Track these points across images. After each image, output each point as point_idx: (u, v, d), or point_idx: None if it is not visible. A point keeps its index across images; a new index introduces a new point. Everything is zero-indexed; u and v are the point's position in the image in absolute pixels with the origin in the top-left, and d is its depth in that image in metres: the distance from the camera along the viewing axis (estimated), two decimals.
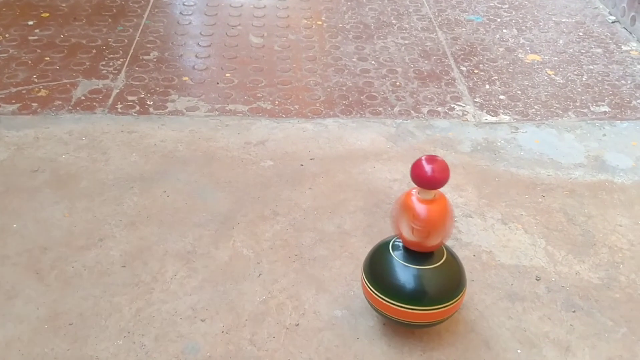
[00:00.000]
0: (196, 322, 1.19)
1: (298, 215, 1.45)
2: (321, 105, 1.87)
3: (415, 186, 1.06)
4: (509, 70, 2.08)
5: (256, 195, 1.50)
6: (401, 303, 1.09)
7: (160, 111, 1.82)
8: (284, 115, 1.82)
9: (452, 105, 1.90)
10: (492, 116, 1.86)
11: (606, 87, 2.01)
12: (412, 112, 1.86)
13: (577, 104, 1.91)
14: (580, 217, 1.48)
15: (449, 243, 1.39)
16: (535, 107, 1.90)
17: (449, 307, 1.10)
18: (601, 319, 1.24)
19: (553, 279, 1.32)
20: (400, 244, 1.12)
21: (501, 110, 1.88)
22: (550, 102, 1.92)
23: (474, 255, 1.37)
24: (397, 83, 2.00)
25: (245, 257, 1.33)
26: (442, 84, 2.00)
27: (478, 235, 1.43)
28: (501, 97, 1.94)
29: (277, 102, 1.87)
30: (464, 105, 1.90)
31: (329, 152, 1.67)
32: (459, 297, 1.11)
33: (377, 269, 1.13)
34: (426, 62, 2.12)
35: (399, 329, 1.19)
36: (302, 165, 1.61)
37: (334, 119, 1.81)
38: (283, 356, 1.13)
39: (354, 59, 2.12)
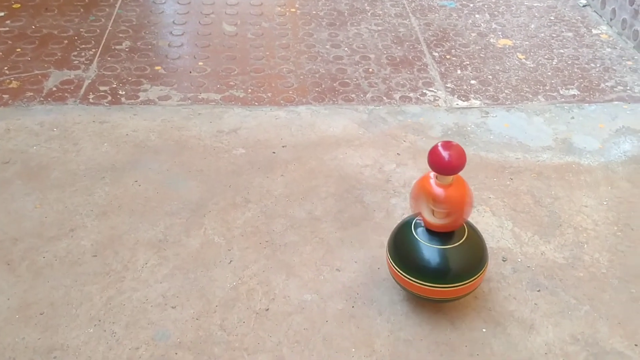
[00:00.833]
0: (167, 309, 1.20)
1: (269, 202, 1.46)
2: (294, 93, 1.88)
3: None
4: (481, 55, 2.10)
5: (228, 183, 1.51)
6: (424, 281, 1.13)
7: (133, 101, 1.82)
8: (256, 103, 1.82)
9: (424, 91, 1.92)
10: (463, 101, 1.88)
11: (576, 70, 2.03)
12: (385, 98, 1.88)
13: (547, 88, 1.94)
14: (547, 198, 1.51)
15: None
16: (506, 91, 1.92)
17: (471, 282, 1.14)
18: (565, 297, 1.27)
19: (519, 260, 1.35)
20: (421, 223, 1.16)
21: (472, 95, 1.90)
22: (521, 86, 1.95)
23: None
24: (370, 69, 2.01)
25: (217, 244, 1.35)
26: (415, 70, 2.01)
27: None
28: (472, 82, 1.96)
29: (249, 90, 1.88)
30: (435, 90, 1.92)
31: (301, 139, 1.68)
32: (480, 272, 1.15)
33: (400, 248, 1.17)
34: (399, 48, 2.13)
35: (367, 312, 1.22)
36: (274, 152, 1.62)
37: (306, 106, 1.82)
38: (252, 340, 1.15)
39: (327, 46, 2.13)
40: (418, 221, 1.17)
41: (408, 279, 1.14)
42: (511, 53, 2.12)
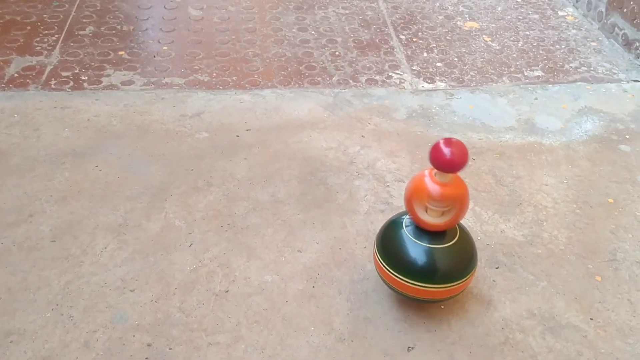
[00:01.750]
0: (125, 292, 1.20)
1: (232, 186, 1.46)
2: (259, 77, 1.87)
3: (429, 167, 1.07)
4: (447, 38, 2.11)
5: (190, 167, 1.50)
6: (412, 280, 1.10)
7: (95, 86, 1.79)
8: (221, 87, 1.81)
9: (390, 74, 1.92)
10: (429, 83, 1.88)
11: (541, 52, 2.05)
12: (351, 81, 1.88)
13: (512, 69, 1.95)
14: (508, 178, 1.53)
15: (378, 209, 1.42)
16: (471, 73, 1.93)
17: (459, 285, 1.12)
18: (523, 274, 1.29)
19: (479, 238, 1.36)
20: (412, 221, 1.13)
21: (437, 78, 1.91)
22: (486, 68, 1.96)
23: None
24: (337, 53, 2.00)
25: (177, 227, 1.34)
26: (381, 53, 2.01)
27: None
28: (438, 64, 1.97)
29: (214, 74, 1.86)
30: (401, 73, 1.92)
31: (265, 122, 1.68)
32: (469, 276, 1.12)
33: (389, 245, 1.14)
34: (366, 31, 2.13)
35: (327, 291, 1.22)
36: (237, 136, 1.62)
37: (272, 89, 1.82)
38: (211, 321, 1.15)
39: (294, 30, 2.12)
40: (409, 219, 1.14)
41: (397, 277, 1.12)
42: (477, 35, 2.12)
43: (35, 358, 1.08)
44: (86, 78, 1.83)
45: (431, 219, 1.08)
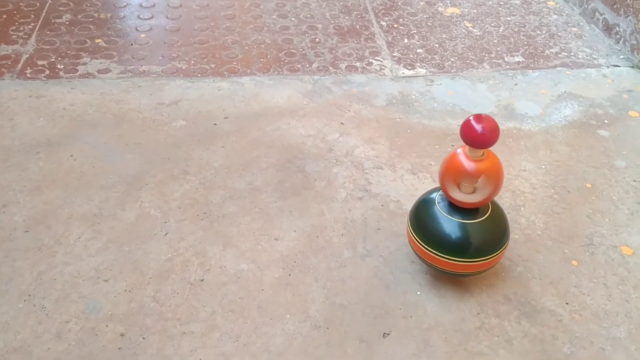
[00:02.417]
0: (99, 282, 1.19)
1: (209, 174, 1.45)
2: (238, 64, 1.85)
3: (462, 145, 1.09)
4: (428, 24, 2.10)
5: (166, 156, 1.49)
6: (445, 254, 1.12)
7: (71, 75, 1.77)
8: (199, 75, 1.79)
9: (370, 60, 1.91)
10: (409, 70, 1.87)
11: (521, 37, 2.04)
12: (331, 68, 1.86)
13: (492, 55, 1.95)
14: None
15: (356, 196, 1.42)
16: (452, 59, 1.92)
17: (492, 259, 1.14)
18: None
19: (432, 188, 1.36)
20: (444, 197, 1.15)
21: (418, 64, 1.90)
22: (467, 54, 1.95)
23: (382, 205, 1.40)
24: (317, 39, 1.99)
25: (153, 217, 1.33)
26: (362, 39, 2.00)
27: (387, 186, 1.45)
28: (419, 50, 1.96)
29: (192, 62, 1.84)
30: (382, 60, 1.91)
31: (243, 110, 1.66)
32: (501, 249, 1.15)
33: (422, 221, 1.16)
34: (347, 17, 2.11)
35: (303, 279, 1.22)
36: (215, 124, 1.60)
37: (250, 77, 1.80)
38: (186, 310, 1.14)
39: (274, 16, 2.10)
40: (440, 195, 1.16)
41: (429, 250, 1.14)
42: (458, 21, 2.11)
43: (7, 349, 1.07)
44: (62, 67, 1.80)
45: (465, 197, 1.09)
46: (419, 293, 1.21)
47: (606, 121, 1.68)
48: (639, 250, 1.31)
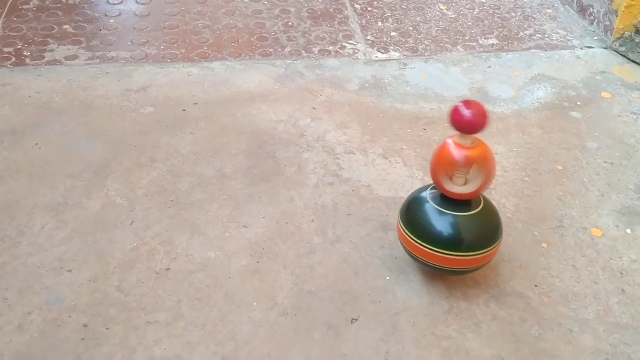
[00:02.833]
0: (62, 272, 1.16)
1: (177, 161, 1.43)
2: (209, 49, 1.82)
3: (452, 135, 1.06)
4: (402, 6, 2.07)
5: (134, 143, 1.46)
6: (439, 248, 1.09)
7: (38, 62, 1.73)
8: (168, 60, 1.76)
9: (344, 44, 1.88)
10: (383, 53, 1.85)
11: (496, 19, 2.03)
12: (303, 52, 1.84)
13: (467, 38, 1.93)
14: None
15: (326, 181, 1.40)
16: (426, 42, 1.91)
17: (486, 253, 1.10)
18: None
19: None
20: (437, 191, 1.12)
21: (391, 47, 1.88)
22: (441, 37, 1.93)
23: (353, 190, 1.39)
24: (290, 23, 1.96)
25: (118, 205, 1.31)
26: (335, 23, 1.97)
27: (359, 171, 1.44)
28: (393, 34, 1.94)
29: (162, 47, 1.81)
30: (355, 43, 1.89)
31: (213, 95, 1.64)
32: (496, 244, 1.12)
33: (414, 216, 1.12)
34: (320, 0, 2.08)
35: (272, 266, 1.21)
36: (184, 110, 1.58)
37: (221, 61, 1.77)
38: (151, 300, 1.13)
39: (246, 0, 2.06)
40: (433, 189, 1.13)
41: (422, 246, 1.10)
42: (433, 4, 2.09)
43: None
44: (29, 54, 1.76)
45: (458, 188, 1.07)
46: (388, 278, 1.20)
47: (579, 103, 1.68)
48: (608, 232, 1.31)
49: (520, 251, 1.27)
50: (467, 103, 1.04)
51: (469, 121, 1.02)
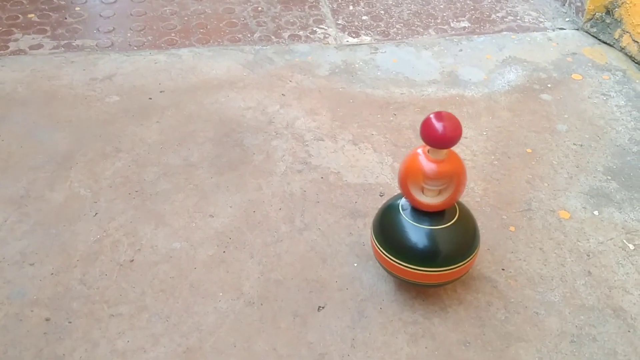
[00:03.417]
0: (24, 266, 1.15)
1: (142, 151, 1.40)
2: (176, 35, 1.79)
3: (421, 145, 1.00)
4: None
5: (98, 133, 1.44)
6: (414, 265, 1.04)
7: (1, 52, 1.69)
8: (135, 48, 1.73)
9: (315, 29, 1.86)
10: (354, 38, 1.83)
11: (468, 2, 2.02)
12: (273, 37, 1.82)
13: (438, 21, 1.92)
14: None
15: (295, 169, 1.39)
16: (397, 26, 1.89)
17: (463, 266, 1.06)
18: None
19: (396, 194, 1.34)
20: (409, 203, 1.06)
21: (363, 32, 1.86)
22: (412, 20, 1.92)
23: (322, 178, 1.37)
24: (259, 8, 1.93)
25: (82, 197, 1.29)
26: (306, 7, 1.95)
27: (328, 158, 1.43)
28: (364, 17, 1.92)
29: (128, 35, 1.78)
30: (326, 28, 1.87)
31: (180, 83, 1.61)
32: (472, 256, 1.07)
33: (387, 230, 1.07)
34: None
35: (238, 256, 1.19)
36: (150, 98, 1.55)
37: (189, 48, 1.74)
38: (114, 292, 1.11)
39: None
40: (405, 202, 1.07)
41: (396, 262, 1.06)
42: None
43: None
44: None
45: (429, 200, 1.01)
46: (355, 265, 1.20)
47: (549, 85, 1.67)
48: (576, 214, 1.32)
49: (488, 235, 1.27)
50: (439, 116, 0.97)
51: (442, 136, 0.95)
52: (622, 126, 1.54)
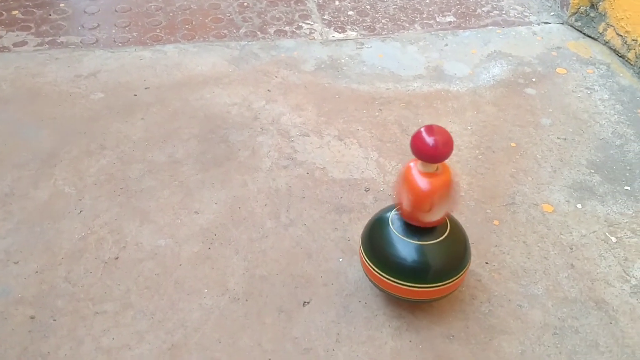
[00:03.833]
0: (9, 265, 1.14)
1: (127, 148, 1.40)
2: (162, 31, 1.79)
3: (414, 159, 0.98)
4: None
5: (83, 130, 1.43)
6: (403, 281, 1.03)
7: None
8: (120, 44, 1.72)
9: (300, 24, 1.86)
10: (340, 33, 1.84)
11: None
12: (259, 33, 1.81)
13: (424, 16, 1.92)
14: (414, 127, 1.51)
15: (281, 165, 1.39)
16: (383, 21, 1.89)
17: (452, 283, 1.04)
18: None
19: (381, 189, 1.35)
20: (399, 217, 1.04)
21: (348, 27, 1.86)
22: (398, 15, 1.92)
23: (307, 173, 1.38)
24: (245, 4, 1.93)
25: (67, 194, 1.28)
26: (292, 3, 1.95)
27: (313, 153, 1.43)
28: (350, 12, 1.92)
29: (113, 31, 1.77)
30: (312, 23, 1.87)
31: (166, 79, 1.61)
32: (463, 271, 1.05)
33: (376, 244, 1.05)
34: None
35: (223, 252, 1.20)
36: (135, 95, 1.55)
37: (174, 44, 1.74)
38: (99, 290, 1.11)
39: None
40: (395, 215, 1.05)
41: (385, 278, 1.04)
42: None
43: None
44: None
45: (422, 214, 1.00)
46: (340, 260, 1.20)
47: (534, 79, 1.68)
48: (560, 207, 1.33)
49: (472, 229, 1.27)
50: (430, 130, 0.94)
51: (433, 149, 0.93)
52: (606, 120, 1.56)
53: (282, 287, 1.15)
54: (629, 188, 1.37)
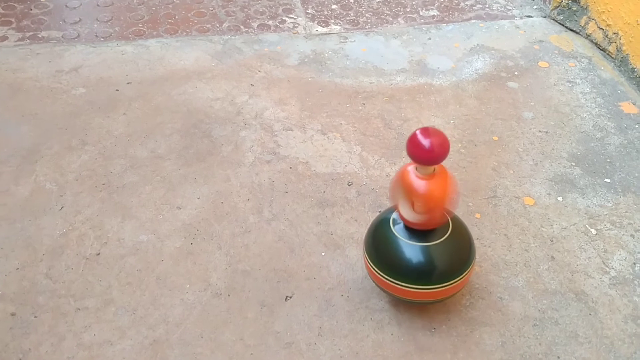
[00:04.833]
0: None
1: (109, 143, 1.39)
2: (144, 26, 1.78)
3: (411, 162, 0.97)
4: None
5: (64, 126, 1.43)
6: (408, 283, 1.02)
7: None
8: (102, 39, 1.71)
9: (284, 18, 1.86)
10: (323, 27, 1.83)
11: None
12: (242, 27, 1.81)
13: (408, 10, 1.92)
14: (397, 121, 1.52)
15: (264, 159, 1.39)
16: (367, 15, 1.89)
17: (458, 282, 1.04)
18: None
19: (364, 183, 1.35)
20: (400, 219, 1.03)
21: (332, 21, 1.86)
22: (382, 9, 1.92)
23: (290, 168, 1.38)
24: None
25: (48, 190, 1.28)
26: None
27: (296, 148, 1.43)
28: (334, 6, 1.92)
29: (95, 25, 1.76)
30: (295, 17, 1.86)
31: (148, 74, 1.60)
32: (467, 271, 1.04)
33: (379, 247, 1.05)
34: None
35: (206, 247, 1.20)
36: (117, 90, 1.54)
37: (157, 39, 1.73)
38: (80, 286, 1.11)
39: None
40: (396, 217, 1.05)
41: (390, 281, 1.04)
42: None
43: None
44: None
45: (419, 217, 0.99)
46: (323, 254, 1.21)
47: (516, 73, 1.69)
48: (541, 200, 1.34)
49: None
50: (426, 132, 0.93)
51: (428, 152, 0.92)
52: (587, 113, 1.57)
53: (265, 281, 1.15)
54: (609, 180, 1.38)
